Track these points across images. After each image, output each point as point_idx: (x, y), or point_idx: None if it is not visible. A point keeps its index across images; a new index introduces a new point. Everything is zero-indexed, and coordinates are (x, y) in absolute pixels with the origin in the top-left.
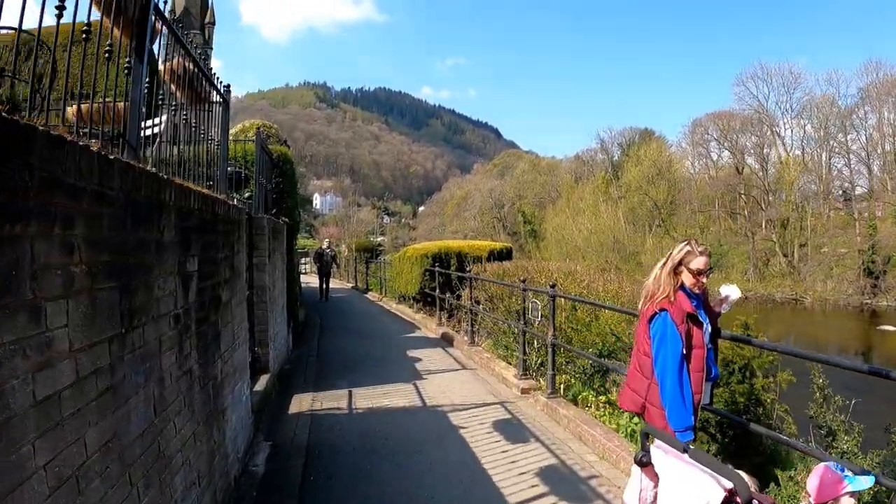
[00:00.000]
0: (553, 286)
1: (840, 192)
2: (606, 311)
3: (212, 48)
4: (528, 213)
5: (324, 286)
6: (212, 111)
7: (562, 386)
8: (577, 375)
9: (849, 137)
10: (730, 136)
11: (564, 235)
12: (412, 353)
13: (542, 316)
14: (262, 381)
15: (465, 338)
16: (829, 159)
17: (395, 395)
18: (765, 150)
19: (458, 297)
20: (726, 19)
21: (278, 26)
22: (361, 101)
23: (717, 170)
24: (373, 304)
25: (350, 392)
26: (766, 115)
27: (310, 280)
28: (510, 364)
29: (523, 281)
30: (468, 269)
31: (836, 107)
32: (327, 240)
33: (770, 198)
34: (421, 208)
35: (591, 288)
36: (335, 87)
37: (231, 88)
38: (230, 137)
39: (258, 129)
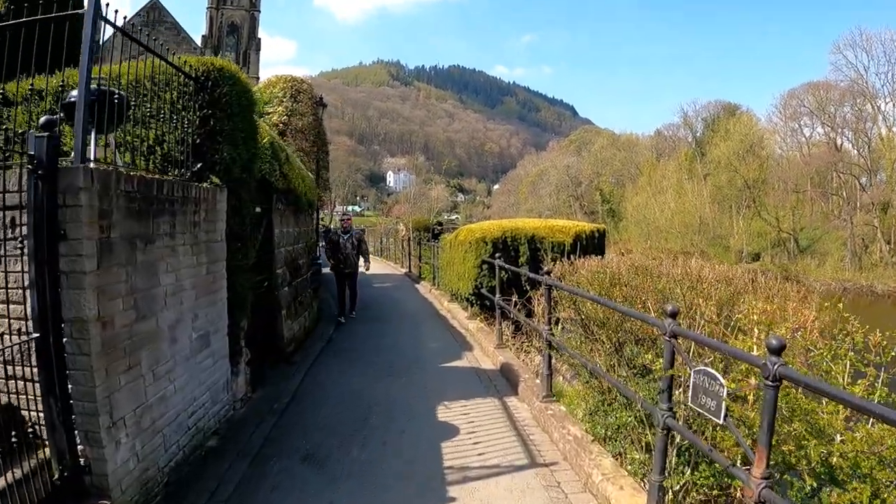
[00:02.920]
0: (778, 350)
1: None
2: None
3: (259, 10)
4: (606, 191)
5: (345, 294)
6: None
7: None
8: None
9: None
10: (827, 108)
11: (646, 215)
12: (447, 409)
13: (726, 410)
14: None
15: (538, 381)
16: None
17: None
18: (866, 125)
19: (529, 300)
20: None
21: (350, 7)
22: (435, 78)
23: (811, 147)
24: (419, 299)
25: None
26: (866, 87)
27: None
28: (621, 466)
29: (673, 315)
30: (543, 264)
31: None
32: (345, 213)
33: (865, 179)
34: (495, 186)
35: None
36: (409, 66)
37: None
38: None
39: None
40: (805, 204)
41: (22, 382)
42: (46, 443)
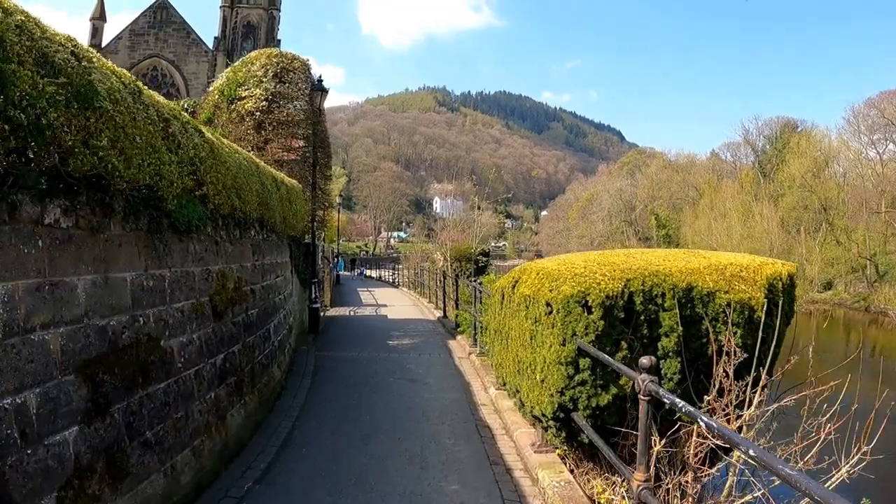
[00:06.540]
0: None
1: None
2: None
3: (278, 9)
4: (661, 215)
5: None
6: None
7: None
8: None
9: None
10: None
11: (709, 242)
12: None
13: None
14: None
15: None
16: None
17: None
18: None
19: (678, 429)
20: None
21: (397, 35)
22: (481, 104)
23: (884, 163)
24: (448, 374)
25: None
26: None
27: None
28: None
29: None
30: (718, 364)
31: None
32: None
33: None
34: (543, 213)
35: None
36: (455, 92)
37: None
38: None
39: None
40: (882, 225)
41: None
42: None
